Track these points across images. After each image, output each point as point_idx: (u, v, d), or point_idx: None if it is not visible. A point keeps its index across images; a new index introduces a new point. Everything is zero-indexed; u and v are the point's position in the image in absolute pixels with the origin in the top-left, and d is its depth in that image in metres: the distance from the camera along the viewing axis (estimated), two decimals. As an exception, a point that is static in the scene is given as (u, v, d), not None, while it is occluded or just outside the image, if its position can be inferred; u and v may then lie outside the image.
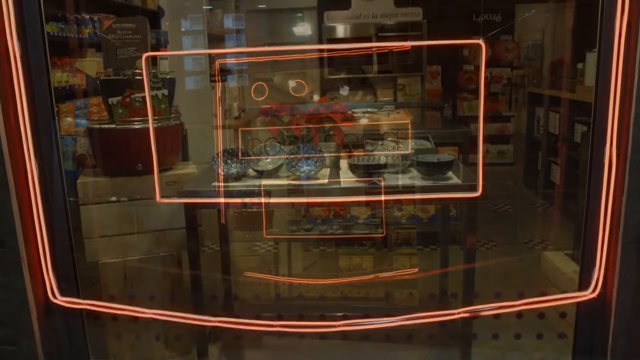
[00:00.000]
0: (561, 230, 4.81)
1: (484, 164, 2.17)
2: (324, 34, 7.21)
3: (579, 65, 5.35)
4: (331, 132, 2.69)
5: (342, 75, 7.29)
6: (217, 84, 4.54)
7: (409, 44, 2.38)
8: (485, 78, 7.61)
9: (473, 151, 4.13)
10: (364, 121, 4.49)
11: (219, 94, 4.65)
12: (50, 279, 2.31)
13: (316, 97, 6.63)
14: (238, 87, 7.29)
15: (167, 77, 2.86)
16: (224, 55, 7.08)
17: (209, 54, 6.29)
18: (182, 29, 6.10)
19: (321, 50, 7.33)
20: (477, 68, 7.54)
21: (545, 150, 5.94)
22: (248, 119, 6.59)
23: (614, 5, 1.87)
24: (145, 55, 2.17)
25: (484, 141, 2.73)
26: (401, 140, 2.87)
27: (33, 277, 2.27)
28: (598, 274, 2.11)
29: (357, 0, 7.20)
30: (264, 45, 8.02)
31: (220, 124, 5.89)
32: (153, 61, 2.96)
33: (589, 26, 2.06)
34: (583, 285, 2.18)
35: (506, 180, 6.82)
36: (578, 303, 2.22)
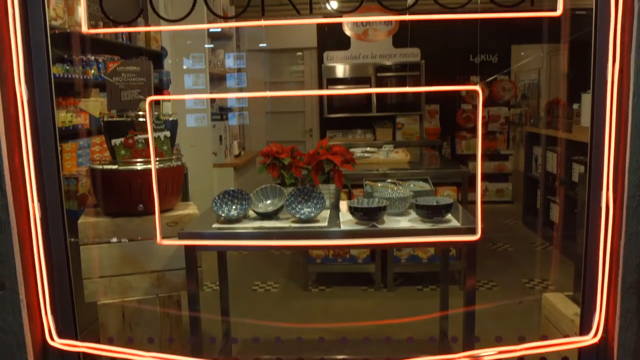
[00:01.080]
0: (561, 269, 4.80)
1: (482, 202, 2.19)
2: (323, 73, 7.35)
3: (575, 106, 5.44)
4: (331, 174, 2.72)
5: (342, 115, 7.40)
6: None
7: (408, 90, 2.43)
8: (483, 117, 7.72)
9: (472, 189, 4.16)
10: (363, 161, 4.54)
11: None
12: (48, 321, 2.30)
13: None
14: (239, 125, 7.37)
15: (170, 119, 2.91)
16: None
17: (210, 93, 6.39)
18: (184, 67, 6.21)
19: (320, 101, 7.47)
20: (475, 107, 7.65)
21: (543, 189, 5.98)
22: (249, 156, 6.65)
23: (606, 54, 1.92)
24: (149, 99, 2.21)
25: (483, 179, 2.75)
26: (400, 182, 2.90)
27: (31, 319, 2.26)
28: (599, 318, 2.10)
29: (356, 40, 7.37)
30: (264, 84, 8.16)
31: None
32: (156, 102, 3.01)
33: (584, 67, 2.10)
34: (584, 329, 2.17)
35: (505, 218, 6.84)
36: (580, 348, 2.20)
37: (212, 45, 6.80)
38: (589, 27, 2.05)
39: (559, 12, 2.04)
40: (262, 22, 2.06)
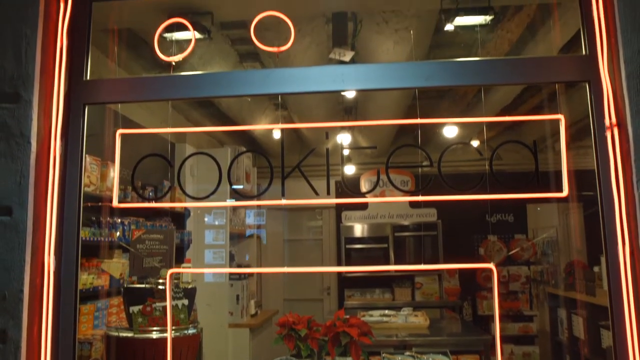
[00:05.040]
0: None
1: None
2: (341, 233, 7.48)
3: (596, 269, 5.37)
4: (348, 347, 2.66)
5: (360, 274, 7.39)
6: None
7: (425, 267, 2.47)
8: (503, 277, 7.62)
9: (494, 353, 3.99)
10: (381, 326, 4.45)
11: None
12: None
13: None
14: (256, 282, 7.37)
15: (189, 286, 2.95)
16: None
17: (230, 251, 6.50)
18: (206, 222, 6.41)
19: (339, 261, 7.54)
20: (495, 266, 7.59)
21: (572, 354, 5.70)
22: (265, 316, 6.55)
23: (615, 237, 1.97)
24: (170, 272, 2.28)
25: (507, 342, 2.61)
26: (419, 356, 2.82)
27: None
28: None
29: (375, 202, 7.61)
30: (283, 241, 8.30)
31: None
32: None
33: (600, 228, 2.10)
34: None
35: (534, 386, 6.43)
36: None
37: (233, 200, 7.06)
38: (596, 205, 2.12)
39: (564, 193, 2.14)
40: (282, 202, 2.18)
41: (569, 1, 2.80)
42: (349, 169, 6.79)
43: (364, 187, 7.12)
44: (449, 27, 3.00)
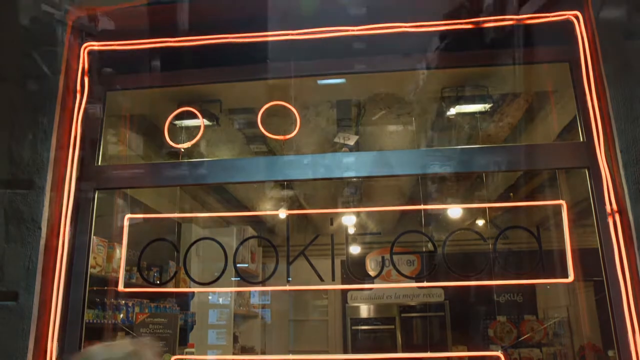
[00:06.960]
0: None
1: None
2: (347, 313, 7.34)
3: (610, 353, 5.21)
4: None
5: (367, 357, 7.17)
6: None
7: (431, 355, 2.39)
8: (515, 359, 7.37)
9: None
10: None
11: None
12: None
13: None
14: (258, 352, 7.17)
15: (191, 373, 2.89)
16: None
17: (234, 333, 6.38)
18: (210, 301, 6.33)
19: (344, 342, 7.36)
20: (505, 349, 7.37)
21: None
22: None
23: (624, 324, 1.95)
24: (173, 358, 2.24)
25: None
26: None
27: None
28: None
29: (380, 281, 7.51)
30: (288, 322, 8.13)
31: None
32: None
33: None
34: None
35: None
36: None
37: (238, 279, 7.00)
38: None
39: (570, 279, 2.14)
40: (287, 288, 2.18)
41: (565, 88, 2.91)
42: (355, 249, 6.76)
43: (370, 267, 7.08)
44: (450, 112, 3.10)
